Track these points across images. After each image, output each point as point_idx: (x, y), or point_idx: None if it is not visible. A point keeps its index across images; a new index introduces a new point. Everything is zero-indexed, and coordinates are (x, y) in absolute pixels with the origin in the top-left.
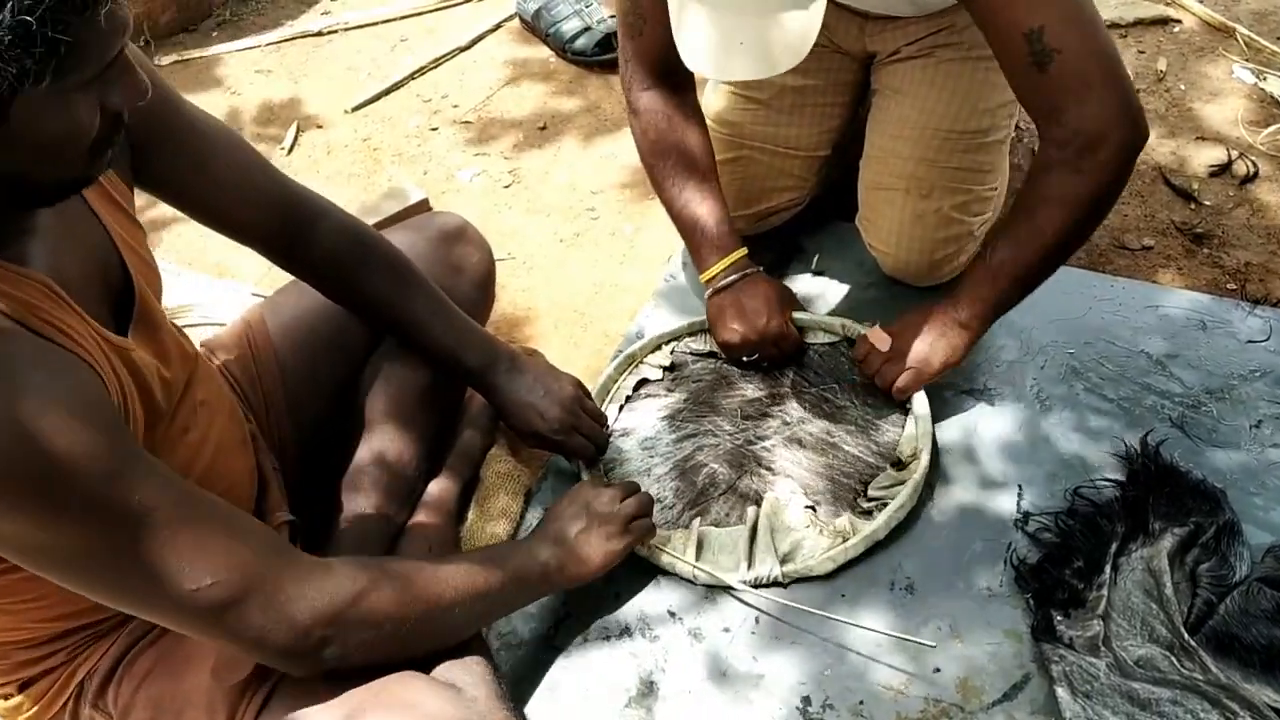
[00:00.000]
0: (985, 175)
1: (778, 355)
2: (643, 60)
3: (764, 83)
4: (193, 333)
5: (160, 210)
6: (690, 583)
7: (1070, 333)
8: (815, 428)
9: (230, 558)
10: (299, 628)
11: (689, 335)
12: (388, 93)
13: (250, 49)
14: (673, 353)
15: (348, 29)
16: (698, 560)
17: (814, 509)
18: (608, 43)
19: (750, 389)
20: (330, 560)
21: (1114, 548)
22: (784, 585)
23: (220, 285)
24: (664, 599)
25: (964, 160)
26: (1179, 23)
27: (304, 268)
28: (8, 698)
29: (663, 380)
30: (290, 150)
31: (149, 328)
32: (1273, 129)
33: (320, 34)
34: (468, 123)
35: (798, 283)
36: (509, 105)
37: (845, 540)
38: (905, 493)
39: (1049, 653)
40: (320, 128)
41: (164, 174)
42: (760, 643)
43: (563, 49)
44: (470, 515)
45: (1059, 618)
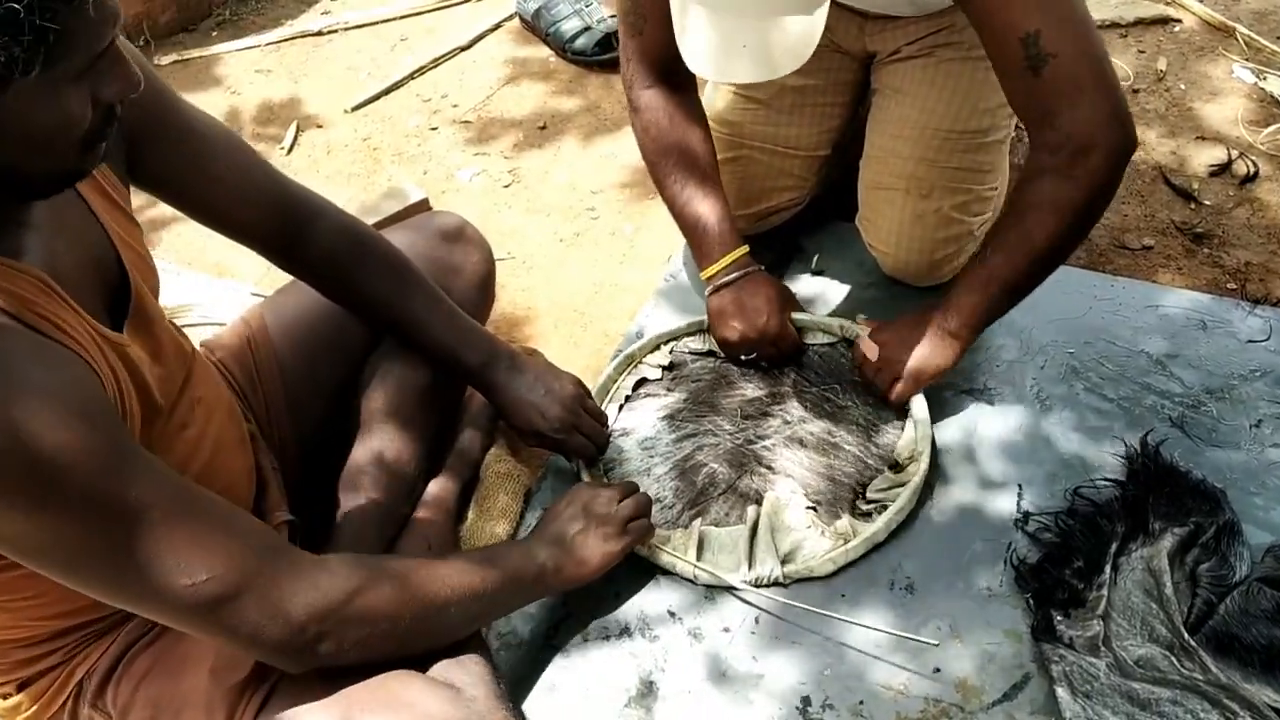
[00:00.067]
0: (985, 175)
1: (776, 355)
2: (644, 59)
3: (764, 83)
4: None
5: (160, 210)
6: (690, 582)
7: (1070, 332)
8: (816, 428)
9: (226, 553)
10: (294, 624)
11: (688, 335)
12: (387, 92)
13: (250, 49)
14: (672, 352)
15: (347, 29)
16: (698, 560)
17: (815, 509)
18: (608, 42)
19: (750, 388)
20: (326, 557)
21: (1114, 548)
22: (784, 585)
23: (220, 285)
24: (664, 599)
25: (964, 160)
26: (1179, 22)
27: (302, 267)
28: (6, 697)
29: (662, 380)
30: (290, 150)
31: (145, 323)
32: (1273, 129)
33: (320, 34)
34: (467, 122)
35: (798, 283)
36: (509, 105)
37: (846, 542)
38: (905, 495)
39: (1049, 652)
40: (320, 127)
41: (161, 173)
42: (760, 643)
43: (563, 48)
44: (470, 515)
45: (1059, 617)
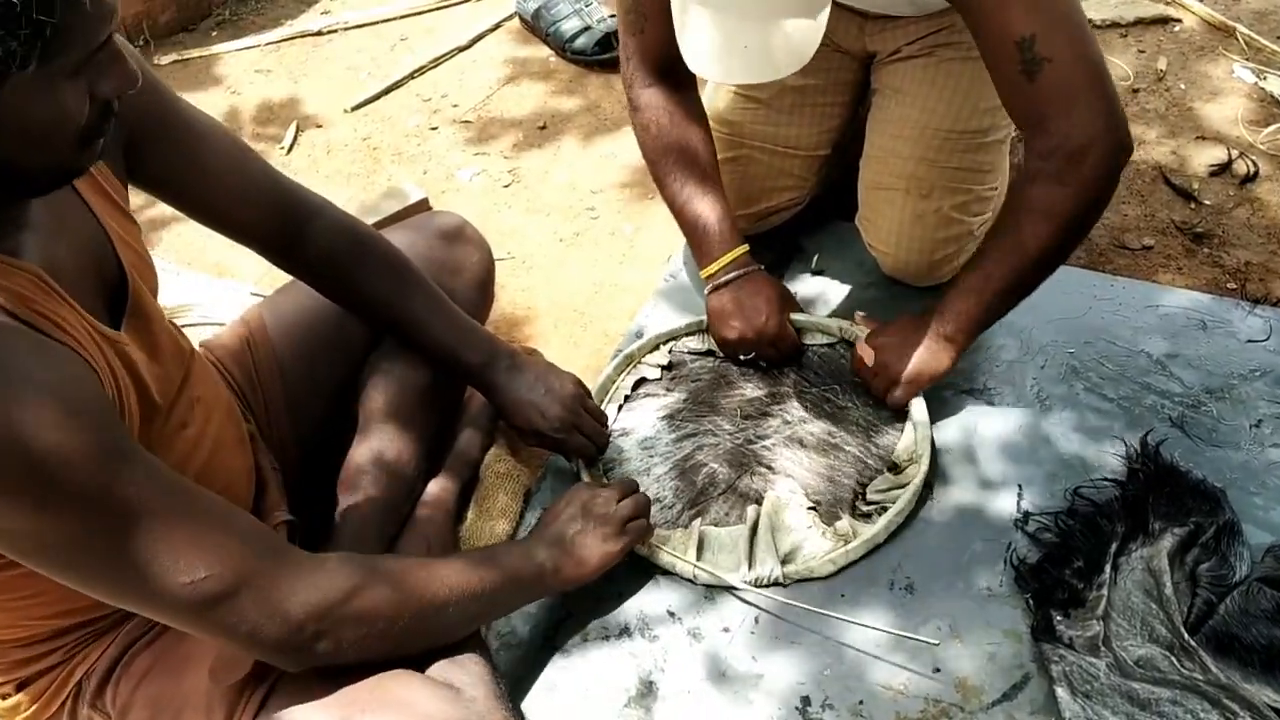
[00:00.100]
0: (985, 175)
1: (775, 355)
2: (644, 57)
3: (765, 83)
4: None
5: (159, 210)
6: (690, 582)
7: (1070, 332)
8: (817, 428)
9: (224, 552)
10: (292, 623)
11: (687, 335)
12: (387, 92)
13: (250, 48)
14: (671, 352)
15: (347, 28)
16: (698, 560)
17: (815, 509)
18: (607, 42)
19: (750, 388)
20: (325, 556)
21: (1114, 548)
22: (784, 585)
23: (220, 285)
24: (663, 599)
25: (964, 160)
26: (1179, 22)
27: (301, 267)
28: (6, 697)
29: (661, 380)
30: (290, 150)
31: (142, 322)
32: (1273, 128)
33: (320, 33)
34: (467, 122)
35: (798, 282)
36: (509, 105)
37: (846, 543)
38: (905, 497)
39: (1049, 653)
40: (320, 127)
41: (161, 172)
42: (759, 642)
43: (562, 48)
44: (469, 515)
45: (1059, 618)
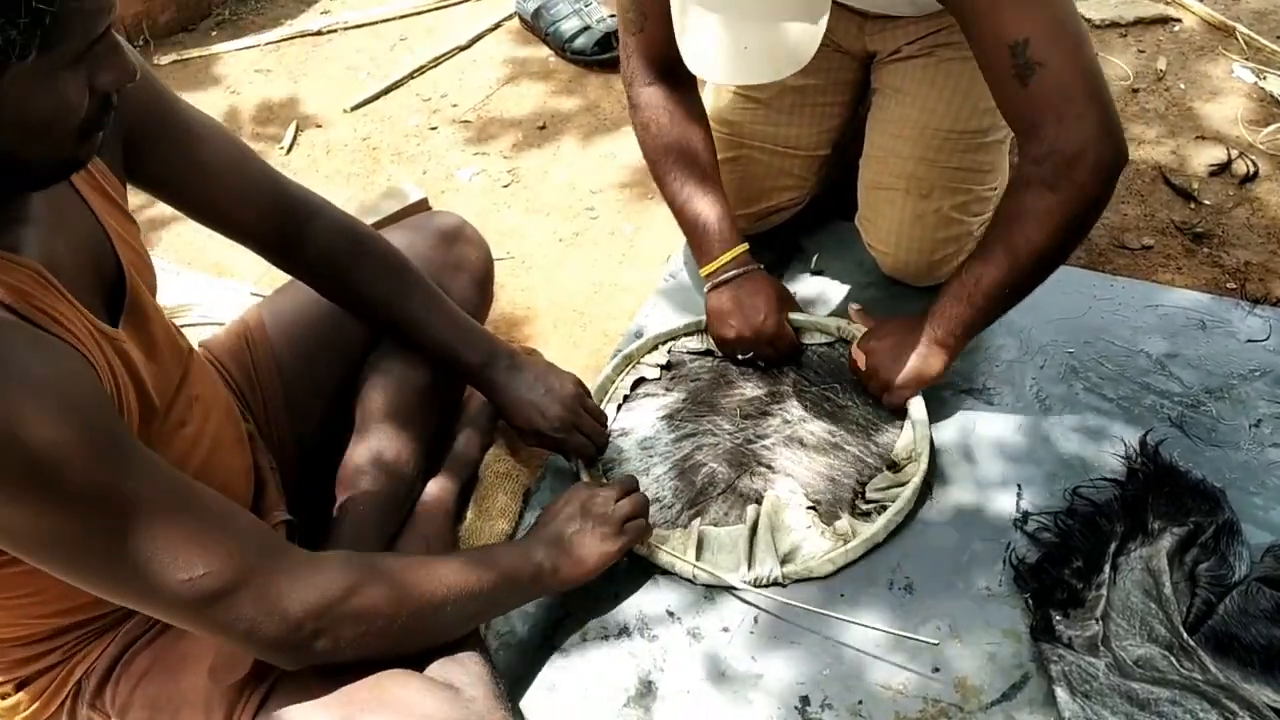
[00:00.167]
0: (985, 175)
1: (773, 355)
2: (644, 56)
3: (765, 83)
4: (192, 332)
5: (159, 210)
6: (689, 582)
7: (1070, 332)
8: (816, 427)
9: (222, 549)
10: (290, 621)
11: (686, 335)
12: (387, 92)
13: (249, 48)
14: (670, 352)
15: (347, 28)
16: (697, 560)
17: (815, 509)
18: (607, 42)
19: (750, 388)
20: (323, 555)
21: (1113, 547)
22: (784, 585)
23: (219, 285)
24: (662, 599)
25: (964, 160)
26: (1179, 22)
27: (300, 266)
28: (5, 696)
29: (661, 379)
30: (289, 149)
31: (140, 320)
32: (1273, 128)
33: (319, 33)
34: (467, 122)
35: (797, 282)
36: (508, 104)
37: (846, 542)
38: (905, 497)
39: (1048, 652)
40: (319, 127)
41: (160, 172)
42: (759, 642)
43: (562, 48)
44: (469, 515)
45: (1058, 617)
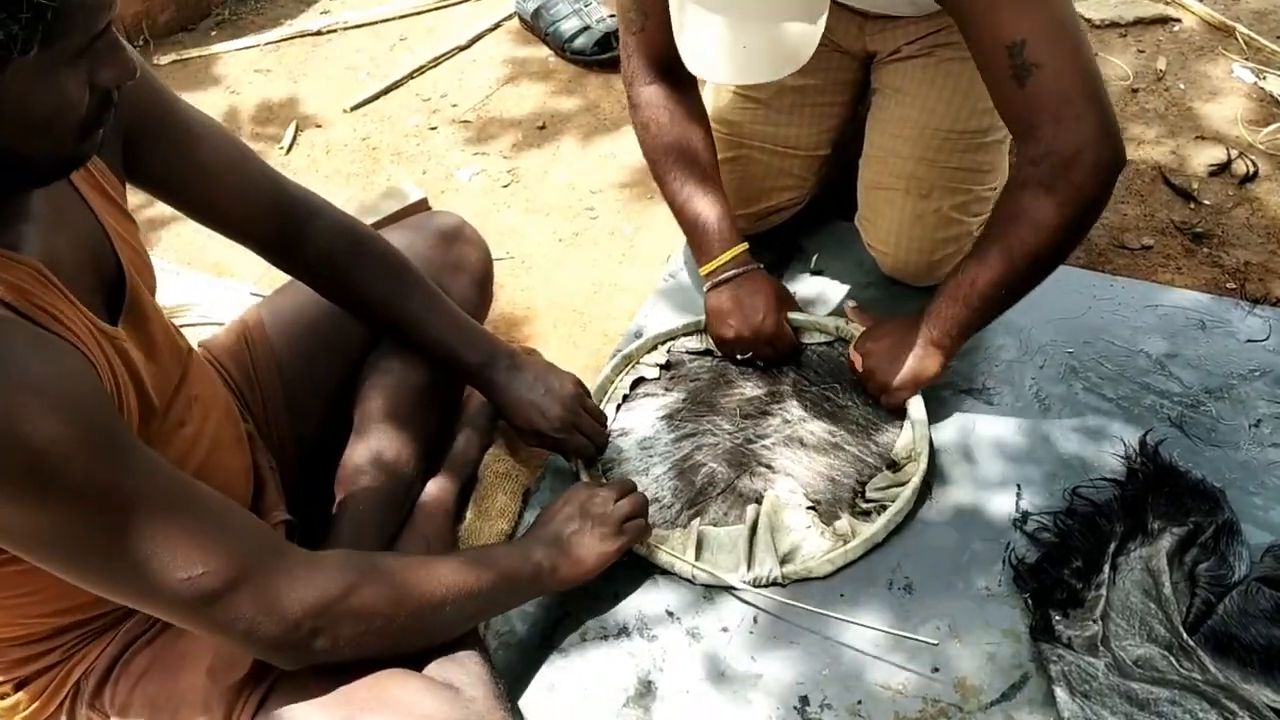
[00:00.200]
0: (985, 175)
1: (772, 355)
2: (644, 55)
3: (764, 83)
4: (191, 332)
5: (159, 210)
6: (689, 582)
7: (1069, 332)
8: (816, 427)
9: (222, 548)
10: (289, 620)
11: (685, 335)
12: (387, 92)
13: (249, 48)
14: (669, 352)
15: (347, 28)
16: (697, 560)
17: (815, 509)
18: (607, 42)
19: (749, 387)
20: (322, 554)
21: (1113, 547)
22: (783, 585)
23: (219, 284)
24: (662, 599)
25: (964, 160)
26: (1179, 22)
27: (300, 266)
28: (4, 696)
29: (660, 379)
30: (289, 149)
31: (140, 318)
32: (1272, 128)
33: (319, 33)
34: (467, 122)
35: (797, 282)
36: (508, 104)
37: (845, 543)
38: (904, 497)
39: (1047, 652)
40: (319, 127)
41: (159, 172)
42: (758, 642)
43: (562, 48)
44: (468, 515)
45: (1057, 617)
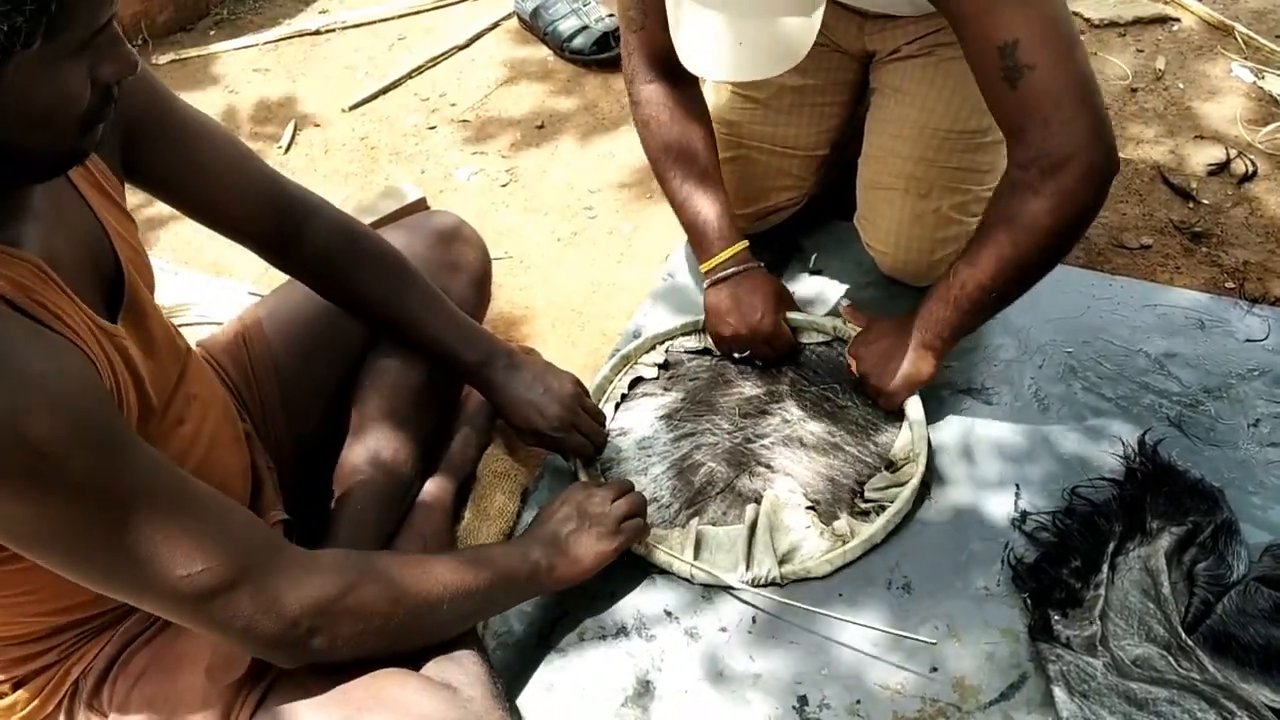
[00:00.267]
0: (984, 175)
1: (769, 354)
2: (645, 53)
3: (763, 82)
4: (190, 331)
5: (157, 209)
6: (687, 582)
7: (1068, 331)
8: (816, 427)
9: (221, 545)
10: (287, 618)
11: (683, 335)
12: (385, 91)
13: (248, 48)
14: (667, 352)
15: (345, 28)
16: (695, 559)
17: (814, 509)
18: (605, 41)
19: (748, 387)
20: (321, 553)
21: (1111, 547)
22: (781, 585)
23: (217, 284)
24: (660, 598)
25: (963, 160)
26: (1178, 21)
27: (298, 265)
28: (2, 695)
29: (659, 379)
30: (288, 149)
31: (138, 316)
32: (1271, 128)
33: (318, 33)
34: (465, 121)
35: (796, 282)
36: (506, 104)
37: (844, 543)
38: (903, 497)
39: (1046, 652)
40: (318, 126)
41: (158, 171)
42: (757, 642)
43: (560, 48)
44: (466, 515)
45: (1056, 617)
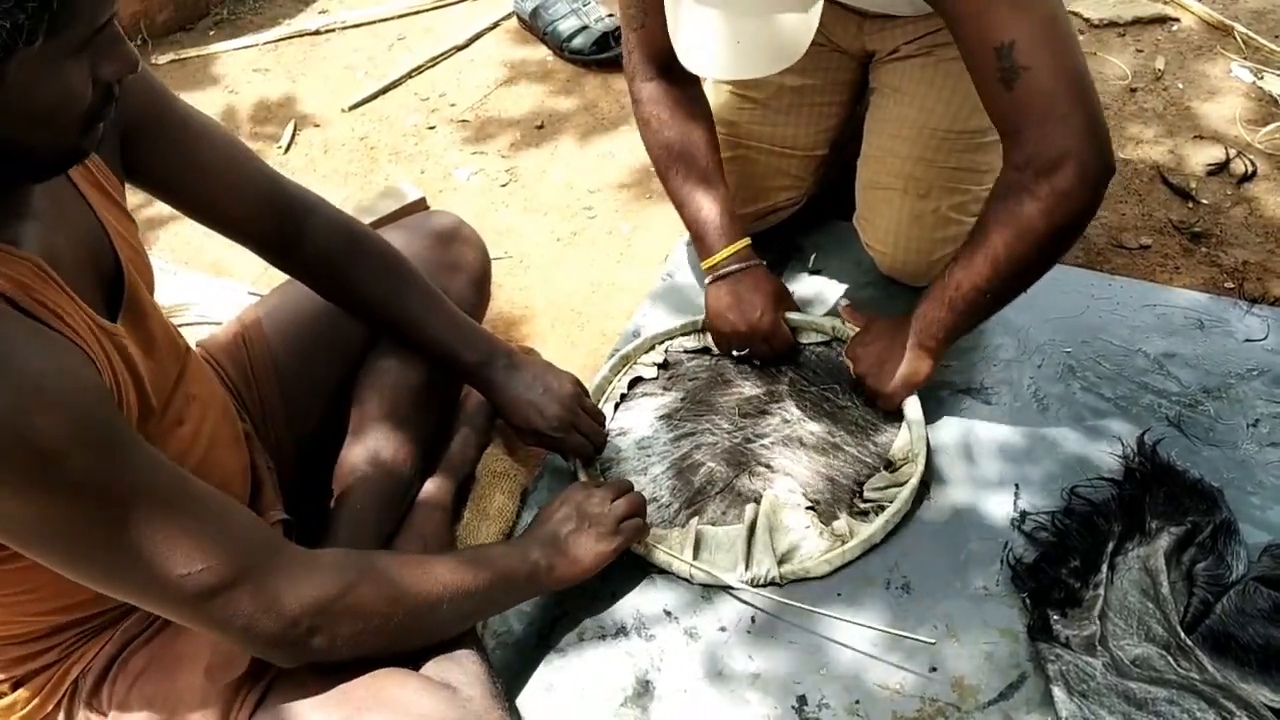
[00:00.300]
0: (983, 175)
1: (768, 352)
2: (646, 51)
3: (762, 82)
4: (189, 331)
5: (157, 209)
6: (687, 582)
7: (1068, 331)
8: (816, 427)
9: (221, 544)
10: (287, 618)
11: (682, 335)
12: (385, 91)
13: (247, 48)
14: (667, 352)
15: (345, 28)
16: (695, 559)
17: (813, 509)
18: (605, 41)
19: (748, 387)
20: (320, 552)
21: (1111, 547)
22: (781, 585)
23: (217, 284)
24: (660, 598)
25: (962, 160)
26: (1177, 21)
27: (297, 265)
28: (2, 695)
29: (658, 379)
30: (287, 149)
31: (138, 316)
32: (1271, 128)
33: (317, 33)
34: (465, 121)
35: (795, 282)
36: (506, 104)
37: (844, 543)
38: (902, 497)
39: (1045, 652)
40: (317, 126)
41: (158, 170)
42: (756, 642)
43: (560, 48)
44: (465, 515)
45: (1055, 617)
